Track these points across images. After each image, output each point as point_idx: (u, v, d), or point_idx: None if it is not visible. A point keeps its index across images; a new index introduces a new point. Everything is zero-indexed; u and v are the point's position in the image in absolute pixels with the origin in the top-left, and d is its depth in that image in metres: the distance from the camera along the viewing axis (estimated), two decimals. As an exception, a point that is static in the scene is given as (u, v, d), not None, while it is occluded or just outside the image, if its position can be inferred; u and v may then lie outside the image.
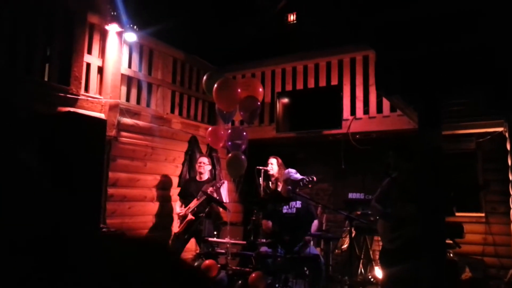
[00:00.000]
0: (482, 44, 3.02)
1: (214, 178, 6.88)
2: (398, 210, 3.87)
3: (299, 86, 6.82)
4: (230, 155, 5.09)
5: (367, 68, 6.16)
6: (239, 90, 5.08)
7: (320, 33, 7.26)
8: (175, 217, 5.98)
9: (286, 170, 4.91)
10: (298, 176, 4.74)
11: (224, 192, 6.64)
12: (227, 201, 6.43)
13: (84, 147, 4.11)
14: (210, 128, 5.51)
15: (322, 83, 6.59)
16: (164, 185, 6.16)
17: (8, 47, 4.41)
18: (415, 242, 3.51)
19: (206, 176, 5.83)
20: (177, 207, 5.75)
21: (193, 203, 5.53)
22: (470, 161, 6.40)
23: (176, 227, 5.58)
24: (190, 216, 5.46)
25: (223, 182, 5.92)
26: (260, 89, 5.35)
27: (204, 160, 5.79)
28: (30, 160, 4.25)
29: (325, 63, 6.61)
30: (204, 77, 5.39)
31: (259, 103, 5.09)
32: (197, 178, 5.81)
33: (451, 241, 4.19)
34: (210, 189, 5.39)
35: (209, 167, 5.94)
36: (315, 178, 4.73)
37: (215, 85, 5.06)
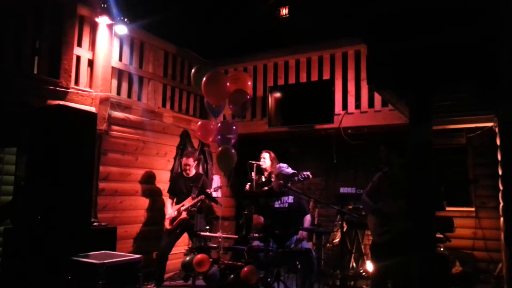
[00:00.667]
0: (471, 36, 3.03)
1: (206, 173, 6.87)
2: (388, 205, 3.90)
3: (291, 80, 6.82)
4: (220, 149, 5.05)
5: (359, 63, 6.17)
6: (228, 83, 5.02)
7: (312, 27, 7.24)
8: (166, 212, 5.94)
9: (278, 165, 4.90)
10: (289, 170, 4.73)
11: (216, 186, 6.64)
12: (220, 195, 6.42)
13: (74, 140, 4.08)
14: (200, 122, 5.47)
15: (314, 77, 6.59)
16: (155, 179, 6.13)
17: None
18: (404, 236, 3.53)
19: (193, 171, 5.78)
20: (169, 207, 5.65)
21: (188, 202, 5.49)
22: (461, 156, 6.44)
23: (167, 223, 5.52)
24: (184, 215, 5.42)
25: (220, 187, 5.90)
26: (249, 83, 5.30)
27: (190, 161, 5.70)
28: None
29: (317, 57, 6.60)
30: (193, 71, 5.34)
31: (248, 96, 5.04)
32: (184, 174, 5.75)
33: (441, 235, 4.23)
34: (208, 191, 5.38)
35: (193, 166, 5.86)
36: (310, 176, 4.74)
37: (204, 79, 5.00)
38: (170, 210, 5.59)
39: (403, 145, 4.02)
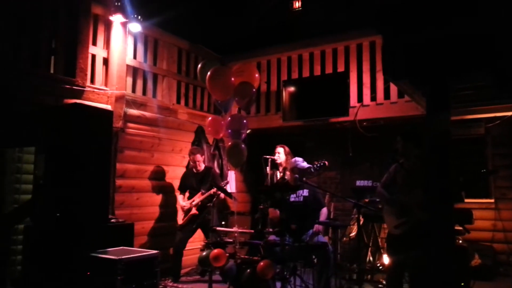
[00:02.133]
0: (488, 27, 2.96)
1: (221, 168, 6.89)
2: (404, 196, 3.85)
3: (305, 74, 6.77)
4: (229, 144, 5.04)
5: (374, 54, 6.09)
6: (232, 78, 4.97)
7: (325, 20, 7.18)
8: (178, 208, 5.99)
9: (293, 159, 4.87)
10: (305, 164, 4.71)
11: (231, 182, 6.66)
12: (234, 190, 6.44)
13: (91, 138, 4.13)
14: (210, 118, 5.48)
15: (329, 70, 6.53)
16: (171, 176, 6.17)
17: (13, 40, 4.41)
18: (421, 228, 3.49)
19: (202, 166, 5.81)
20: (181, 200, 5.74)
21: (198, 197, 5.52)
22: (479, 147, 6.33)
23: (180, 219, 5.59)
24: (194, 211, 5.47)
25: (227, 182, 5.91)
26: (256, 75, 5.22)
27: (198, 157, 5.74)
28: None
29: (331, 50, 6.54)
30: (198, 67, 5.33)
31: (254, 89, 4.98)
32: (194, 170, 5.79)
33: (460, 227, 4.16)
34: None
35: (202, 161, 5.88)
36: (326, 163, 4.69)
37: (208, 74, 4.98)
38: (183, 202, 5.65)
39: (420, 135, 3.96)
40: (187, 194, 5.81)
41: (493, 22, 2.97)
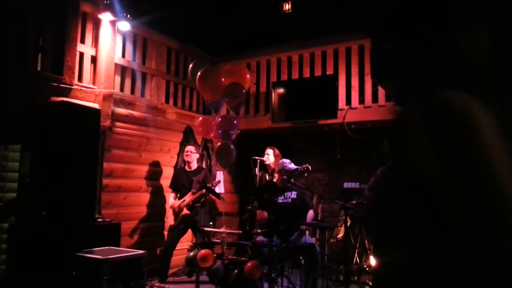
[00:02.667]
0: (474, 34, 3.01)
1: (209, 169, 6.87)
2: None
3: (295, 75, 6.80)
4: (219, 144, 5.03)
5: (363, 57, 6.13)
6: (222, 78, 4.96)
7: (315, 22, 7.21)
8: (167, 208, 5.95)
9: (281, 161, 4.89)
10: (292, 166, 4.72)
11: (220, 183, 6.64)
12: (223, 191, 6.42)
13: (78, 137, 4.09)
14: (200, 118, 5.47)
15: (318, 72, 6.57)
16: (159, 175, 6.15)
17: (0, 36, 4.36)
18: None
19: (195, 165, 5.79)
20: (171, 199, 5.71)
21: (189, 197, 5.50)
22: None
23: (171, 219, 5.55)
24: (185, 211, 5.44)
25: (219, 182, 5.88)
26: (248, 76, 5.20)
27: (191, 148, 5.75)
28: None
29: (320, 52, 6.58)
30: (190, 67, 5.32)
31: (244, 90, 4.97)
32: (186, 168, 5.76)
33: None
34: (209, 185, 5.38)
35: (196, 155, 5.87)
36: (310, 167, 4.71)
37: (198, 75, 4.97)
38: (173, 200, 5.62)
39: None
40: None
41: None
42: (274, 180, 5.36)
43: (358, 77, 6.19)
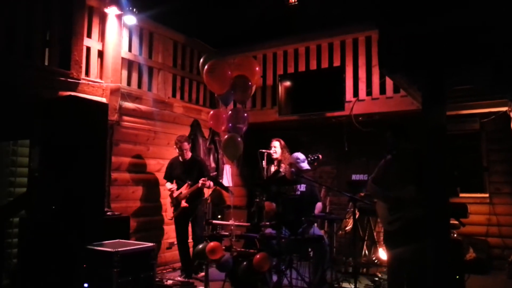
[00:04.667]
0: (485, 19, 2.98)
1: (216, 162, 6.88)
2: (395, 191, 3.78)
3: (301, 68, 6.76)
4: (226, 137, 5.00)
5: (370, 49, 6.08)
6: (229, 71, 4.93)
7: (321, 14, 7.16)
8: (163, 202, 5.91)
9: (294, 154, 4.79)
10: (305, 165, 4.61)
11: (228, 176, 6.65)
12: (230, 184, 6.43)
13: (87, 131, 4.11)
14: (212, 112, 5.45)
15: (325, 64, 6.53)
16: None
17: (7, 32, 4.37)
18: (416, 223, 3.47)
19: (189, 154, 5.66)
20: (169, 186, 5.60)
21: (185, 189, 5.43)
22: (474, 142, 6.36)
23: (170, 211, 5.52)
24: (184, 204, 5.40)
25: (215, 174, 5.83)
26: (256, 68, 5.16)
27: (186, 146, 5.56)
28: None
29: (327, 44, 6.53)
30: (201, 60, 5.31)
31: (251, 83, 4.94)
32: (180, 159, 5.65)
33: (456, 221, 4.18)
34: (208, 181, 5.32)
35: (188, 145, 5.71)
36: (320, 156, 4.68)
37: (205, 68, 4.95)
38: (170, 185, 5.55)
39: (407, 129, 3.96)
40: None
41: (489, 14, 2.98)
42: (281, 170, 5.34)
43: (366, 69, 6.15)
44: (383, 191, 3.91)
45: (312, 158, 4.64)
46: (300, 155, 4.71)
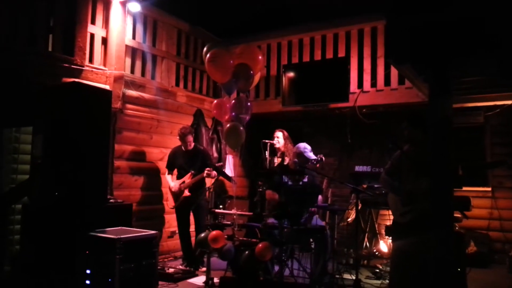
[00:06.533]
0: (492, 10, 2.94)
1: (219, 152, 6.87)
2: (409, 184, 3.76)
3: (306, 58, 6.72)
4: (228, 125, 4.98)
5: (375, 40, 6.04)
6: (231, 60, 4.89)
7: (327, 3, 7.07)
8: (165, 191, 5.89)
9: (300, 145, 4.77)
10: (311, 155, 4.63)
11: (230, 166, 6.64)
12: (233, 175, 6.42)
13: (90, 118, 4.09)
14: (215, 101, 5.42)
15: (329, 55, 6.48)
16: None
17: (10, 18, 4.34)
18: (427, 216, 3.45)
19: (192, 144, 5.59)
20: (170, 181, 5.58)
21: (188, 178, 5.41)
22: (478, 135, 6.34)
23: (171, 201, 5.51)
24: (186, 193, 5.39)
25: (221, 164, 5.81)
26: (259, 57, 5.09)
27: (190, 138, 5.50)
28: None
29: (332, 34, 6.49)
30: (204, 49, 5.27)
31: (252, 71, 4.90)
32: (183, 148, 5.58)
33: (459, 215, 4.17)
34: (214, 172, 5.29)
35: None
36: (323, 158, 4.70)
37: (207, 56, 4.91)
38: (172, 183, 5.51)
39: (425, 121, 3.89)
40: (175, 172, 5.68)
41: (497, 5, 2.94)
42: (284, 162, 5.34)
43: (371, 60, 6.10)
44: (394, 183, 3.88)
45: (316, 160, 4.65)
46: (307, 145, 4.72)
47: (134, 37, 5.79)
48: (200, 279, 4.79)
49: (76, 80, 4.67)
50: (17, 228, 4.72)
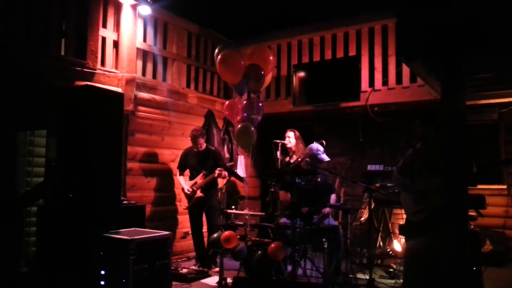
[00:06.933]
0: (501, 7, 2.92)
1: (231, 153, 6.88)
2: (422, 182, 3.72)
3: (316, 58, 6.70)
4: (239, 126, 4.99)
5: (386, 38, 6.00)
6: (242, 61, 4.90)
7: (337, 2, 7.05)
8: (177, 192, 5.90)
9: (314, 147, 4.76)
10: (324, 157, 4.62)
11: (242, 167, 6.65)
12: (245, 175, 6.43)
13: (103, 121, 4.14)
14: (227, 102, 5.44)
15: (340, 54, 6.45)
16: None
17: (23, 23, 4.40)
18: (440, 215, 3.41)
19: (204, 145, 5.61)
20: (183, 182, 5.59)
21: (200, 179, 5.44)
22: (492, 133, 6.25)
23: (185, 202, 5.54)
24: (199, 193, 5.42)
25: (232, 164, 5.80)
26: (270, 57, 5.08)
27: (201, 141, 5.52)
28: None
29: (342, 33, 6.45)
30: (216, 51, 5.29)
31: (262, 72, 4.90)
32: (195, 149, 5.60)
33: (474, 213, 4.12)
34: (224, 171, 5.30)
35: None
36: (324, 142, 4.68)
37: (218, 58, 4.93)
38: (185, 185, 5.53)
39: (437, 119, 3.85)
40: (187, 172, 5.70)
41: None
42: (292, 161, 5.33)
43: (382, 58, 6.06)
44: (407, 182, 3.84)
45: (328, 161, 4.65)
46: (319, 147, 4.70)
47: (145, 40, 5.83)
48: (213, 279, 4.80)
49: (89, 83, 4.73)
50: (33, 230, 4.79)
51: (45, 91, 4.51)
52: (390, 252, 6.02)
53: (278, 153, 5.60)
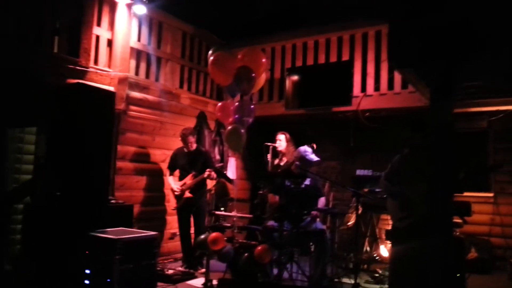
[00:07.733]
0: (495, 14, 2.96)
1: (221, 154, 6.89)
2: (408, 189, 3.73)
3: (310, 62, 6.72)
4: (229, 128, 5.02)
5: (380, 44, 6.03)
6: (233, 63, 4.92)
7: (331, 7, 7.08)
8: (167, 193, 5.89)
9: (301, 148, 4.77)
10: (313, 157, 4.63)
11: (232, 169, 6.65)
12: (235, 177, 6.43)
13: (93, 119, 4.13)
14: (219, 103, 5.45)
15: (333, 58, 6.48)
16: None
17: (16, 19, 4.38)
18: (425, 222, 3.43)
19: (194, 146, 5.63)
20: (172, 183, 5.58)
21: (189, 179, 5.44)
22: (481, 140, 6.31)
23: (172, 203, 5.54)
24: (187, 194, 5.41)
25: (221, 165, 5.82)
26: (263, 59, 5.10)
27: (191, 139, 5.54)
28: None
29: (336, 38, 6.48)
30: (209, 52, 5.30)
31: (253, 74, 4.92)
32: (185, 150, 5.62)
33: (459, 220, 4.15)
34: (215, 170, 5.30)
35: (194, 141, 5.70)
36: (314, 146, 4.70)
37: (210, 59, 4.95)
38: (174, 185, 5.52)
39: (426, 125, 3.88)
40: (177, 173, 5.69)
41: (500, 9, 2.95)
42: (281, 164, 5.34)
43: (374, 64, 6.10)
44: (393, 188, 3.86)
45: (317, 161, 4.66)
46: (307, 148, 4.71)
47: (139, 39, 5.83)
48: (199, 281, 4.80)
49: (81, 81, 4.71)
50: (19, 227, 4.76)
51: (36, 88, 4.49)
52: (377, 257, 6.05)
53: (269, 156, 5.62)
